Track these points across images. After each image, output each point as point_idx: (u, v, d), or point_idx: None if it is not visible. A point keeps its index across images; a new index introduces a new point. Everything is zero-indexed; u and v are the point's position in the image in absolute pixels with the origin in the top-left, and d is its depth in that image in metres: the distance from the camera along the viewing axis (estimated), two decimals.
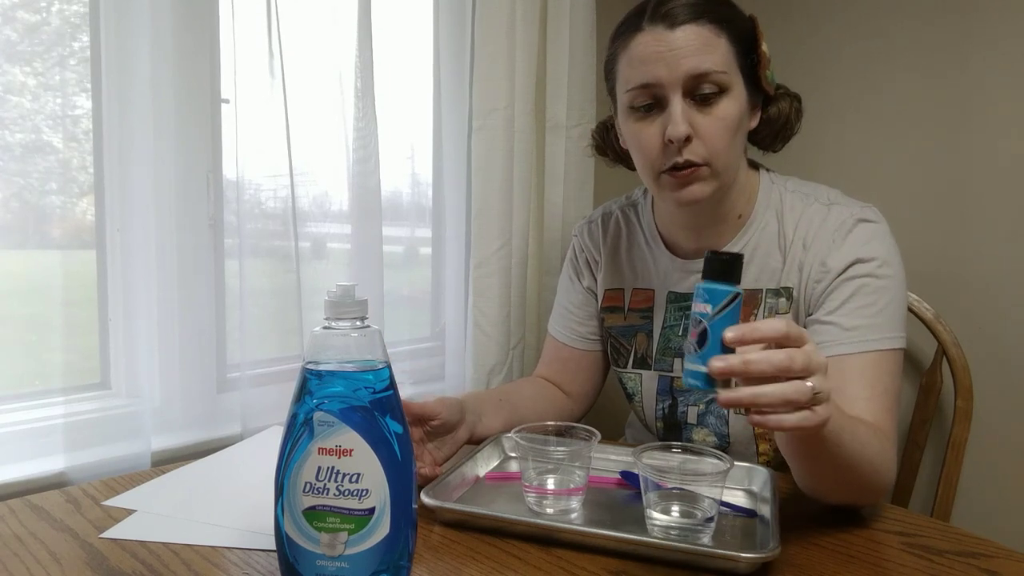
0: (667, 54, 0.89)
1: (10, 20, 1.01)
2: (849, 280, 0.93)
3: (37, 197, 1.05)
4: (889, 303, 0.92)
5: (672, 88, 0.89)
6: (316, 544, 0.59)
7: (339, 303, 0.61)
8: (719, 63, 0.89)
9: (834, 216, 0.96)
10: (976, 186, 1.32)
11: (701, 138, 0.90)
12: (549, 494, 0.84)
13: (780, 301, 0.99)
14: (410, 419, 0.90)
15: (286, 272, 1.18)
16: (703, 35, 0.89)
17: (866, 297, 0.92)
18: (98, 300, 1.09)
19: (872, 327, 0.91)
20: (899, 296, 0.94)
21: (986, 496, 1.32)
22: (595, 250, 1.16)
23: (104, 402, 1.09)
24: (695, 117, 0.90)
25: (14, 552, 0.73)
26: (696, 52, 0.88)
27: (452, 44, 1.37)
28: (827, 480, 0.82)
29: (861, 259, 0.93)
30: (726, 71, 0.90)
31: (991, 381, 1.29)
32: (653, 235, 1.09)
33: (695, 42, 0.89)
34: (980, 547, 0.78)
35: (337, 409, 0.59)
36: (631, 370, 1.12)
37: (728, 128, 0.91)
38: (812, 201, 0.99)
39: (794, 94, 1.01)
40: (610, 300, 1.14)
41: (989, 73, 1.29)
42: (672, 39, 0.89)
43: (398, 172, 1.44)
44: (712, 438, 1.05)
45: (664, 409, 1.09)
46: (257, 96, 1.10)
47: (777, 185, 1.02)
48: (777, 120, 0.99)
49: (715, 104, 0.90)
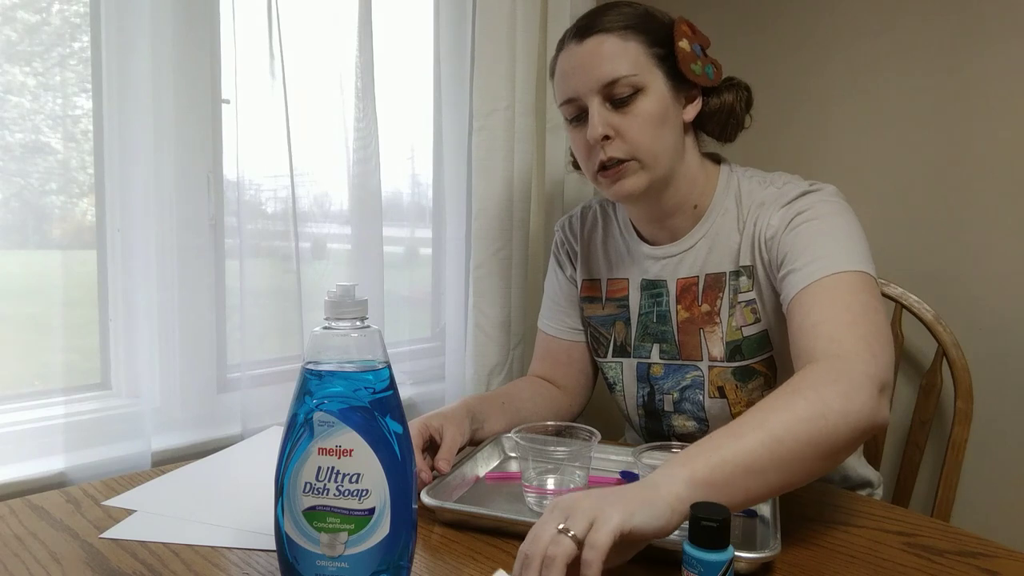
0: (579, 67, 0.97)
1: (10, 20, 1.01)
2: (792, 230, 0.94)
3: (37, 197, 1.05)
4: (836, 232, 0.92)
5: (589, 96, 0.96)
6: (316, 544, 0.59)
7: (339, 303, 0.61)
8: (628, 67, 0.95)
9: (784, 192, 0.98)
10: (976, 186, 1.32)
11: (621, 136, 0.96)
12: (549, 494, 0.84)
13: (742, 280, 1.01)
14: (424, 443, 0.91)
15: (286, 272, 1.18)
16: (609, 43, 0.96)
17: (810, 235, 0.92)
18: (98, 300, 1.09)
19: (824, 257, 0.89)
20: (850, 228, 0.93)
21: (986, 496, 1.32)
22: (574, 241, 1.19)
23: (104, 402, 1.09)
24: (613, 118, 0.96)
25: (14, 552, 0.73)
26: (604, 60, 0.96)
27: (452, 44, 1.37)
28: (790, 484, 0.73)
29: (800, 211, 0.94)
30: (636, 73, 0.96)
31: (991, 382, 1.29)
32: (627, 226, 1.12)
33: (602, 51, 0.96)
34: (980, 547, 0.78)
35: (337, 409, 0.59)
36: (611, 359, 1.14)
37: (648, 123, 0.96)
38: (768, 184, 1.02)
39: (742, 84, 1.05)
40: (588, 290, 1.17)
41: (989, 72, 1.29)
42: (582, 52, 0.97)
43: (398, 172, 1.44)
44: (692, 423, 1.07)
45: (644, 397, 1.11)
46: (257, 96, 1.10)
47: (736, 173, 1.06)
48: (720, 111, 1.03)
49: (632, 104, 0.96)
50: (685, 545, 0.62)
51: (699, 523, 0.61)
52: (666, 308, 1.06)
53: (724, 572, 0.60)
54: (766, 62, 1.53)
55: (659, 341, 1.08)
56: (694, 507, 0.62)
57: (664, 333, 1.07)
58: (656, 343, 1.08)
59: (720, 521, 0.60)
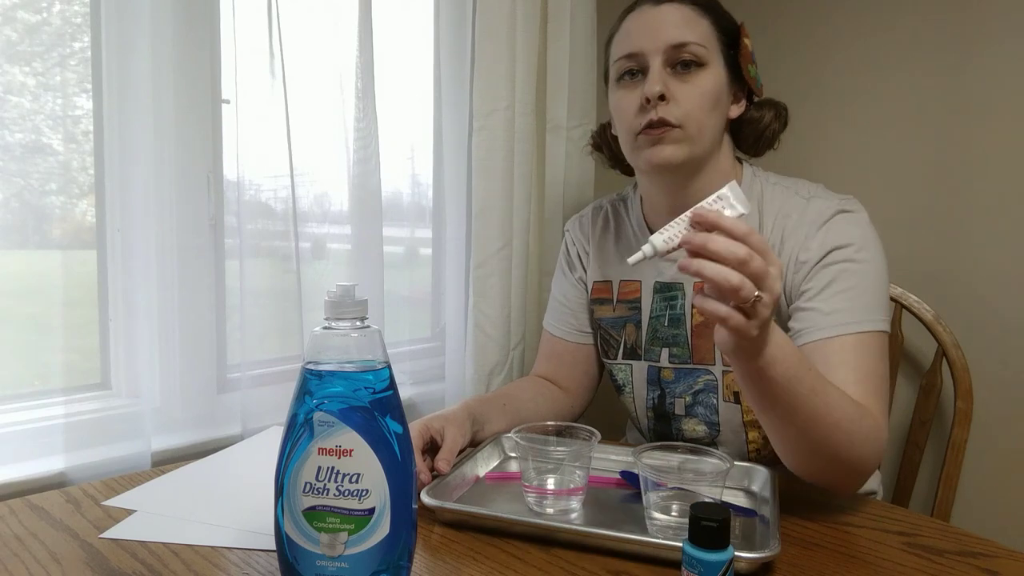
0: (651, 25, 0.98)
1: (10, 20, 1.01)
2: (827, 267, 0.94)
3: (37, 197, 1.04)
4: (868, 287, 0.93)
5: (653, 55, 0.97)
6: (316, 544, 0.59)
7: (339, 303, 0.61)
8: (698, 36, 0.97)
9: (813, 208, 0.98)
10: (976, 186, 1.32)
11: (676, 101, 0.96)
12: (549, 494, 0.84)
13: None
14: (425, 444, 0.91)
15: (286, 272, 1.18)
16: (685, 12, 0.98)
17: (845, 282, 0.93)
18: (98, 300, 1.09)
19: (852, 310, 0.92)
20: (879, 280, 0.95)
21: (986, 496, 1.32)
22: (585, 242, 1.19)
23: (104, 402, 1.09)
24: (672, 83, 0.96)
25: (14, 552, 0.73)
26: (677, 25, 0.97)
27: (452, 44, 1.37)
28: (794, 440, 0.83)
29: (839, 246, 0.95)
30: (705, 45, 0.97)
31: (991, 382, 1.29)
32: (641, 227, 1.12)
33: (677, 16, 0.97)
34: (980, 547, 0.78)
35: (337, 409, 0.59)
36: (621, 361, 1.13)
37: (704, 97, 0.96)
38: (792, 194, 1.01)
39: (781, 104, 1.05)
40: (599, 292, 1.16)
41: (989, 72, 1.29)
42: (656, 12, 0.98)
43: (398, 172, 1.44)
44: (702, 427, 1.07)
45: (654, 400, 1.11)
46: (257, 96, 1.10)
47: (759, 178, 1.05)
48: (760, 122, 1.03)
49: (693, 74, 0.97)
50: (685, 545, 0.62)
51: (699, 523, 0.61)
52: (680, 312, 1.06)
53: (724, 572, 0.60)
54: (766, 63, 1.52)
55: (668, 345, 1.07)
56: (694, 507, 0.62)
57: (676, 337, 1.06)
58: (665, 347, 1.07)
59: (720, 521, 0.60)
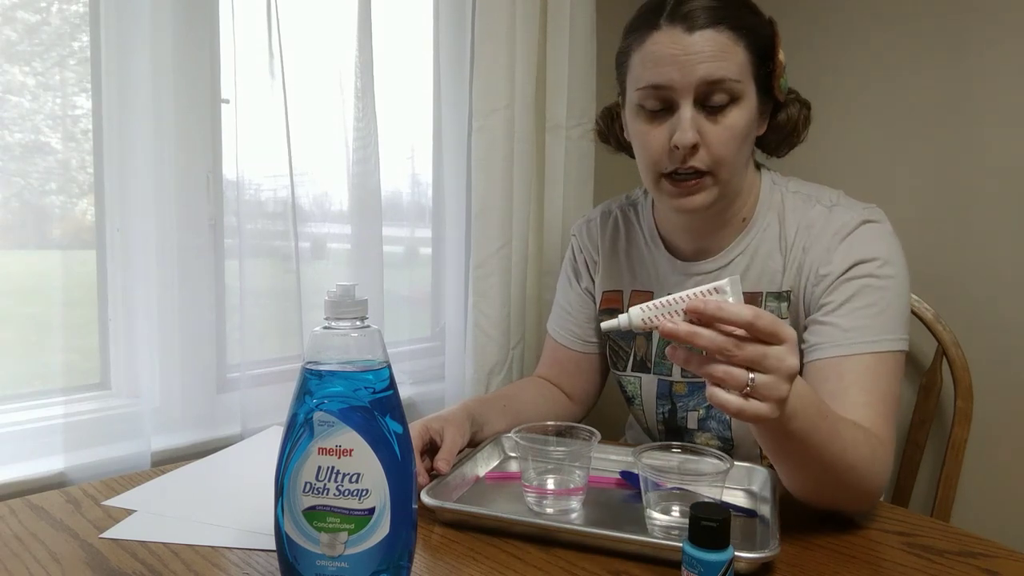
0: (682, 57, 0.86)
1: (10, 20, 1.01)
2: (849, 281, 0.91)
3: (37, 197, 1.04)
4: (890, 304, 0.91)
5: (683, 93, 0.87)
6: (316, 544, 0.59)
7: (339, 303, 0.61)
8: (734, 72, 0.87)
9: (836, 218, 0.95)
10: (976, 186, 1.32)
11: (708, 146, 0.88)
12: (549, 494, 0.84)
13: (781, 305, 0.97)
14: (424, 445, 0.90)
15: (286, 272, 1.18)
16: (720, 41, 0.87)
17: (866, 297, 0.90)
18: (98, 300, 1.09)
19: (872, 328, 0.89)
20: (901, 297, 0.92)
21: (986, 496, 1.32)
22: (593, 251, 1.15)
23: (104, 402, 1.09)
24: (703, 125, 0.88)
25: (14, 552, 0.73)
26: (712, 58, 0.86)
27: (452, 44, 1.37)
28: (807, 481, 0.80)
29: (862, 260, 0.91)
30: (740, 80, 0.88)
31: (991, 381, 1.29)
32: (653, 236, 1.08)
33: (712, 48, 0.86)
34: (980, 547, 0.78)
35: (337, 409, 0.59)
36: (631, 373, 1.11)
37: (736, 138, 0.89)
38: (814, 203, 0.98)
39: (804, 101, 0.99)
40: (609, 302, 1.13)
41: (990, 73, 1.29)
42: (689, 43, 0.86)
43: (398, 172, 1.44)
44: (715, 442, 1.05)
45: (664, 413, 1.09)
46: (257, 96, 1.10)
47: (779, 186, 1.01)
48: (785, 126, 0.98)
49: (725, 113, 0.88)
50: (685, 545, 0.62)
51: (699, 523, 0.61)
52: None
53: (724, 572, 0.60)
54: None
55: None
56: (694, 507, 0.62)
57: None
58: None
59: (720, 521, 0.60)
